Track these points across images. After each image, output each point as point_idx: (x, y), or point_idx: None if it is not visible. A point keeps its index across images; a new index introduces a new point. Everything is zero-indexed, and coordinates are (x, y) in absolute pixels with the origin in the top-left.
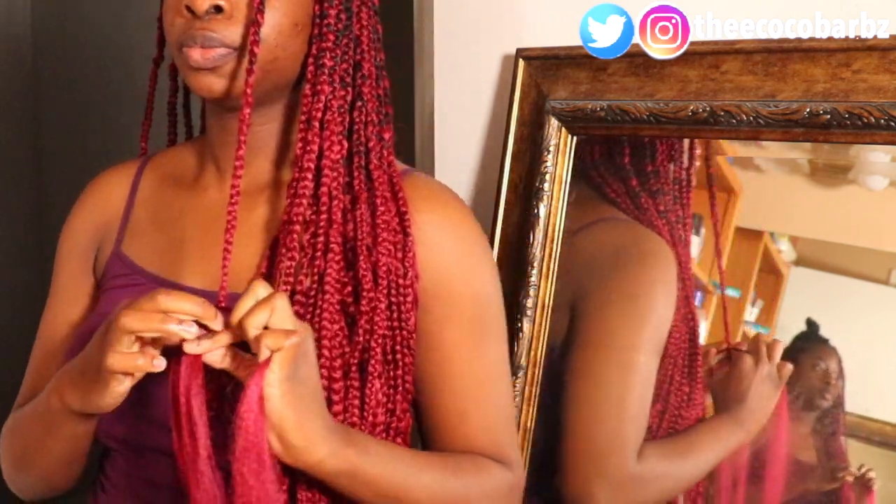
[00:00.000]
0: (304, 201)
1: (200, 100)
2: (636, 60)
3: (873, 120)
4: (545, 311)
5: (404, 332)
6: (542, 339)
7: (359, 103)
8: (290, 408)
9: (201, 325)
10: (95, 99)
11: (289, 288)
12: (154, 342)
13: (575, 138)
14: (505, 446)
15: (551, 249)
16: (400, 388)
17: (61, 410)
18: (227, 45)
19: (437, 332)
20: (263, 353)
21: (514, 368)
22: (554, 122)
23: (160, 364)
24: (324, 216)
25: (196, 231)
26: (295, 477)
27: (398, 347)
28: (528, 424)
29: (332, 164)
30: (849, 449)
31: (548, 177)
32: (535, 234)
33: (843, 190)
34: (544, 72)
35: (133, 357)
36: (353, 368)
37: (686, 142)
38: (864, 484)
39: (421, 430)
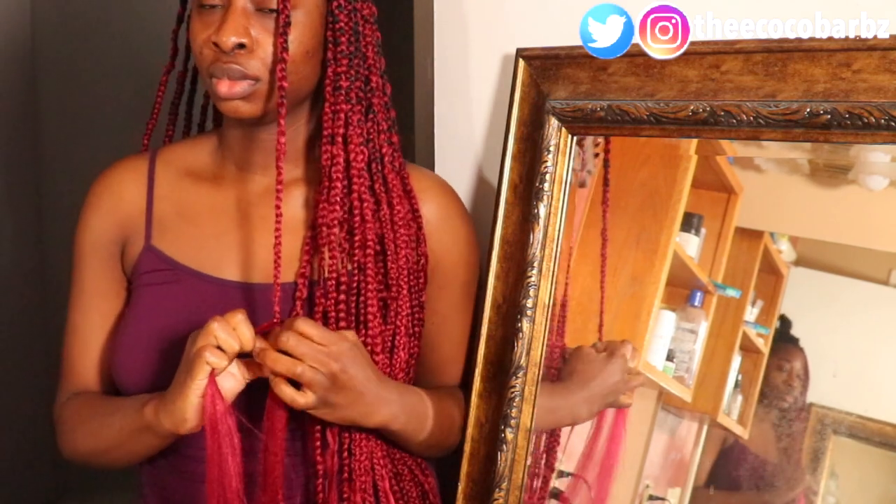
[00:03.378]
0: (337, 206)
1: (204, 101)
2: (636, 60)
3: (873, 120)
4: (545, 311)
5: (418, 309)
6: (542, 339)
7: (371, 114)
8: (334, 417)
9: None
10: (95, 99)
11: (334, 280)
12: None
13: (575, 138)
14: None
15: (551, 249)
16: (415, 354)
17: (155, 429)
18: (249, 77)
19: (436, 299)
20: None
21: (515, 369)
22: (554, 122)
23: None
24: (357, 217)
25: (228, 226)
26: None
27: (415, 322)
28: (529, 424)
29: (359, 172)
30: (849, 449)
31: (548, 177)
32: (535, 234)
33: (843, 190)
34: (544, 72)
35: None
36: (388, 343)
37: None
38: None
39: (417, 373)
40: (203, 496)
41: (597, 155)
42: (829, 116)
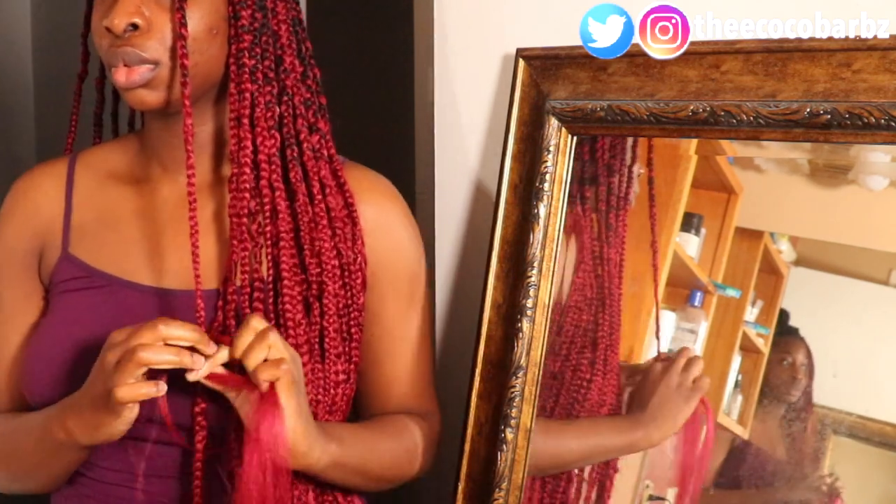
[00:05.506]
0: (246, 195)
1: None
2: (636, 60)
3: (873, 120)
4: (545, 311)
5: (354, 312)
6: (542, 339)
7: (285, 97)
8: (299, 421)
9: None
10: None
11: (247, 277)
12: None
13: (575, 138)
14: (428, 402)
15: (551, 249)
16: (353, 361)
17: (67, 442)
18: (147, 61)
19: (378, 308)
20: (263, 385)
21: (515, 369)
22: (554, 122)
23: (164, 388)
24: (267, 207)
25: (149, 229)
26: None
27: (351, 325)
28: (529, 424)
29: (268, 158)
30: (849, 449)
31: (548, 177)
32: (535, 234)
33: (843, 190)
34: (544, 72)
35: (140, 386)
36: (316, 348)
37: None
38: (832, 492)
39: (358, 391)
40: None
41: (640, 174)
42: (829, 116)
